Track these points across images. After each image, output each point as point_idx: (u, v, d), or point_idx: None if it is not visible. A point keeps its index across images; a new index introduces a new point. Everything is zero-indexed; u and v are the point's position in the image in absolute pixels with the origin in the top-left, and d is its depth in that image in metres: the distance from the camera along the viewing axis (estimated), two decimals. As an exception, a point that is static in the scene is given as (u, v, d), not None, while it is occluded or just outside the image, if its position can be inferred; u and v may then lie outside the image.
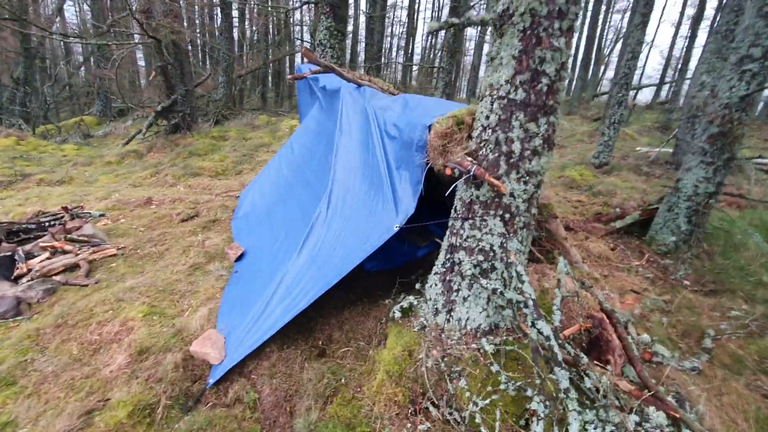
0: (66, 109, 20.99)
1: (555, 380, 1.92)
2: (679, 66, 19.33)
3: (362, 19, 21.79)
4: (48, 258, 4.41)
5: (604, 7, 21.93)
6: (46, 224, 4.81)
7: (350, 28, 23.31)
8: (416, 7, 24.39)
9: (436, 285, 2.75)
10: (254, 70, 19.05)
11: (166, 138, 10.53)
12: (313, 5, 10.17)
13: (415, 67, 24.21)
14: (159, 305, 3.56)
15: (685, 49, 18.16)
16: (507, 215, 2.42)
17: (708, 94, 7.80)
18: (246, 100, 20.63)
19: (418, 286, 3.08)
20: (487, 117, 2.40)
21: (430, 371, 2.37)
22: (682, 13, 21.64)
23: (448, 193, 2.44)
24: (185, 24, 13.75)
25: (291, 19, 22.36)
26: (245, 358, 2.81)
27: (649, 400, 2.02)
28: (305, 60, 5.33)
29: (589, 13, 19.28)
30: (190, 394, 2.64)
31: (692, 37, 16.05)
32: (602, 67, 24.82)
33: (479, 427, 2.04)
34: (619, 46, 24.85)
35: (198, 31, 19.47)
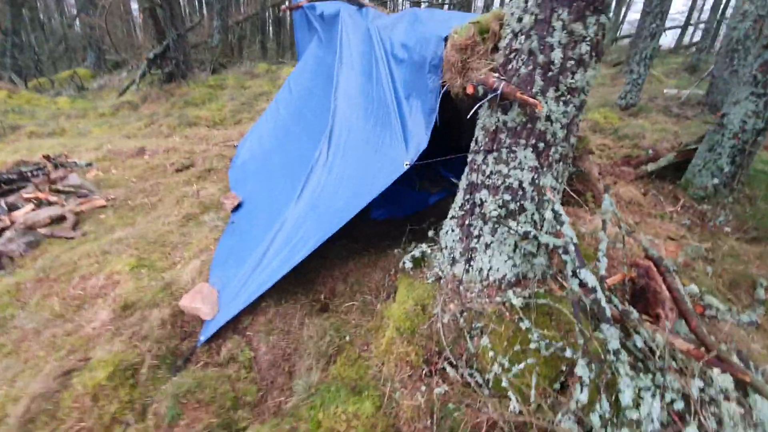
0: (64, 64, 20.23)
1: (601, 339, 1.58)
2: (704, 5, 17.76)
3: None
4: (33, 210, 4.12)
5: (631, -64, 19.88)
6: (29, 174, 4.48)
7: (353, -33, 21.59)
8: (424, -59, 22.39)
9: (452, 231, 2.38)
10: (252, 16, 17.91)
11: (160, 88, 9.96)
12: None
13: (423, 5, 22.63)
14: (148, 258, 3.27)
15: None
16: (541, 145, 1.99)
17: (751, 25, 6.99)
18: (246, 50, 19.60)
19: (431, 233, 2.72)
20: (520, 19, 1.92)
21: (446, 327, 2.05)
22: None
23: (470, 115, 2.00)
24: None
25: (289, -42, 20.71)
26: (240, 314, 2.53)
27: (711, 360, 1.68)
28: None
29: (615, -58, 17.47)
30: (178, 352, 2.38)
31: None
32: (623, 9, 22.90)
33: (506, 391, 1.74)
34: (645, -19, 22.75)
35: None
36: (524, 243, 2.05)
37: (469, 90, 1.96)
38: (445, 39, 2.23)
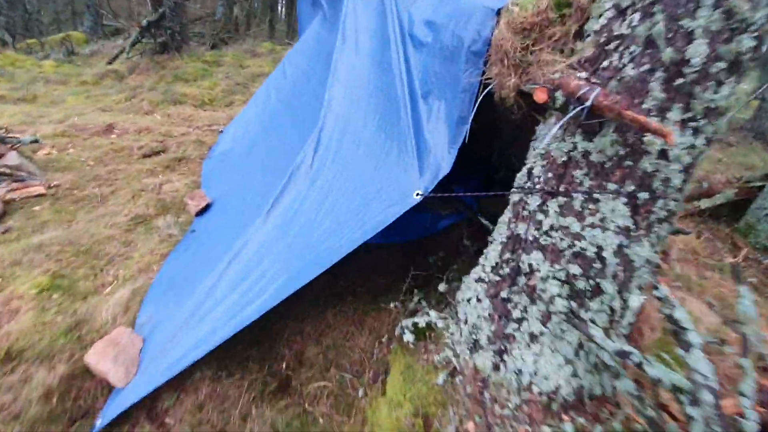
0: (68, 27, 19.34)
1: None
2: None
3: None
4: (-46, 193, 3.35)
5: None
6: (-44, 148, 3.69)
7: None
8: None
9: (478, 301, 1.62)
10: (262, -8, 16.96)
11: (151, 59, 9.13)
12: None
13: None
14: (69, 276, 2.51)
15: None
16: (643, 194, 1.22)
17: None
18: (254, 29, 18.67)
19: (442, 287, 1.96)
20: (633, -15, 1.14)
21: (461, 466, 1.30)
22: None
23: (546, 141, 1.23)
24: None
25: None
26: (162, 386, 1.77)
27: None
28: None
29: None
30: (60, 445, 1.62)
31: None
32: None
33: None
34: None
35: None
36: (601, 352, 1.28)
37: (539, 97, 1.18)
38: (497, 14, 1.45)
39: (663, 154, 1.18)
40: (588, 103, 1.12)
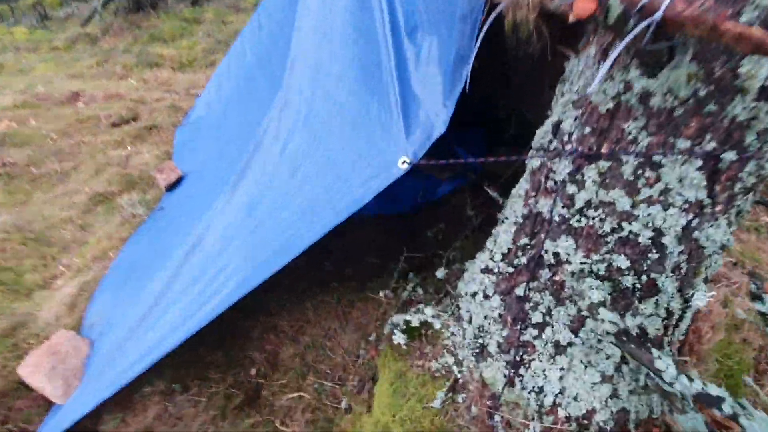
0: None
1: None
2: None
3: None
4: None
5: None
6: None
7: None
8: None
9: (485, 297, 1.27)
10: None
11: (125, 18, 8.47)
12: None
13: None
14: (16, 267, 2.20)
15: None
16: (728, 155, 0.83)
17: None
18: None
19: (441, 273, 1.61)
20: None
21: None
22: None
23: (600, 76, 0.83)
24: None
25: None
26: (105, 403, 1.48)
27: None
28: None
29: None
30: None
31: None
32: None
33: None
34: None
35: None
36: (660, 374, 0.94)
37: (584, 7, 0.75)
38: None
39: (764, 93, 0.78)
40: (658, 14, 0.71)
